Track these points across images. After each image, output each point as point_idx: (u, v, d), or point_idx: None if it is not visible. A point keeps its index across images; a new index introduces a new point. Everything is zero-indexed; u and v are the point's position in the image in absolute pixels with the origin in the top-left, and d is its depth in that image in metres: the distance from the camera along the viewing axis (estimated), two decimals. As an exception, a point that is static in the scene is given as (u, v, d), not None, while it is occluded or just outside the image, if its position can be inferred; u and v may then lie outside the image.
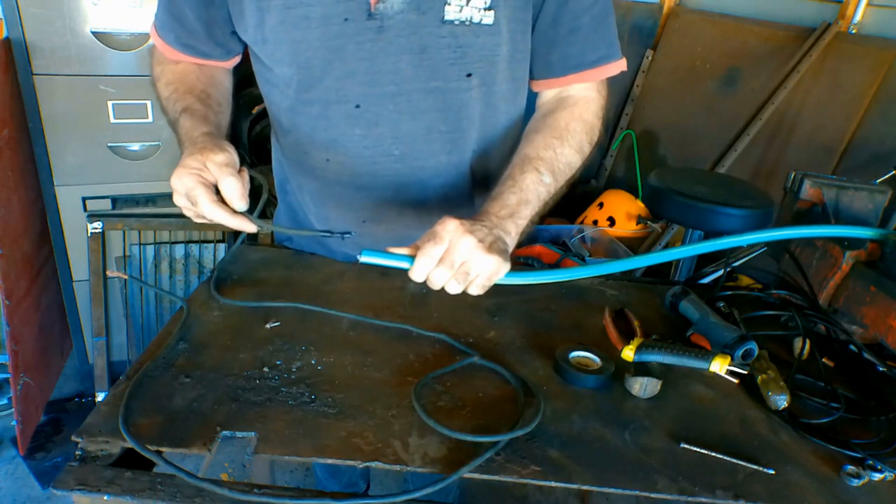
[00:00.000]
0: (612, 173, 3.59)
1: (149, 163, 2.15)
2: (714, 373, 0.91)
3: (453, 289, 0.85)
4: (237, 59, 1.14)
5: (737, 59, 3.23)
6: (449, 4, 0.95)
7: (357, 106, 1.02)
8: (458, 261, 0.83)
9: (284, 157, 1.18)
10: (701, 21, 3.28)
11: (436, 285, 0.85)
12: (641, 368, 0.89)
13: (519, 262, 2.37)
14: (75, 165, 2.07)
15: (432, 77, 1.00)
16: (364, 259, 0.84)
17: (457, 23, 0.96)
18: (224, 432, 0.74)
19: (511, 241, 0.91)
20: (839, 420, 0.85)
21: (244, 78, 1.22)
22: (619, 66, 1.09)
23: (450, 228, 0.84)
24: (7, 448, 2.15)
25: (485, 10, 0.96)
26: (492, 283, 0.87)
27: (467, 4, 0.96)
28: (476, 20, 0.97)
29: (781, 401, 0.85)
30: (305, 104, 1.05)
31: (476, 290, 0.87)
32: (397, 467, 0.72)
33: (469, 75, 1.01)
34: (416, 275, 0.85)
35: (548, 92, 1.12)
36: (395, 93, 1.01)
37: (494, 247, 0.85)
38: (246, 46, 1.09)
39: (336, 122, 1.04)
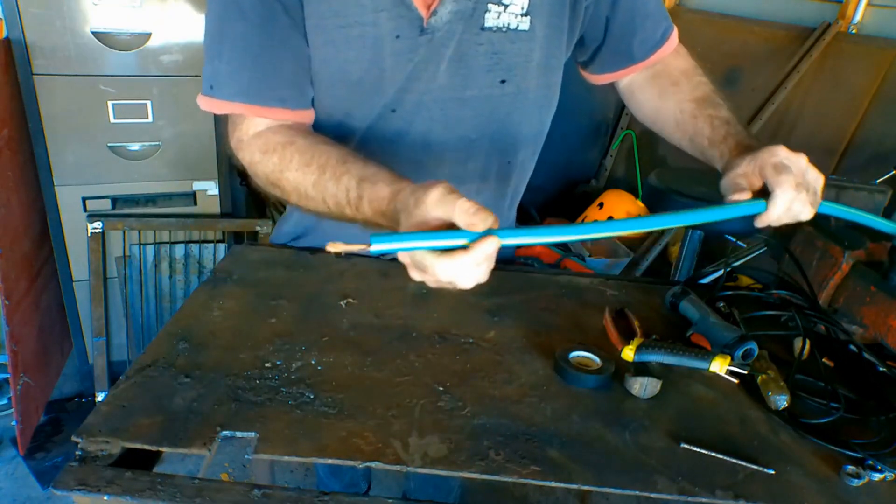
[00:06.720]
0: (612, 173, 3.59)
1: (149, 163, 2.15)
2: (714, 373, 0.91)
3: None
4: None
5: (737, 59, 3.24)
6: (489, 11, 0.95)
7: (393, 111, 1.01)
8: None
9: None
10: (701, 21, 3.28)
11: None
12: (641, 368, 0.89)
13: (519, 261, 2.37)
14: (75, 165, 2.07)
15: (467, 86, 1.00)
16: (376, 246, 0.70)
17: (494, 29, 0.96)
18: (224, 432, 0.74)
19: None
20: (839, 420, 0.85)
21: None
22: (676, 31, 1.16)
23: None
24: (7, 448, 2.15)
25: (521, 15, 0.97)
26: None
27: (505, 11, 0.96)
28: (513, 26, 0.97)
29: (781, 401, 0.85)
30: (349, 119, 1.03)
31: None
32: (397, 467, 0.72)
33: (503, 81, 1.01)
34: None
35: (630, 77, 1.18)
36: (429, 101, 1.01)
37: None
38: None
39: (375, 135, 1.03)
